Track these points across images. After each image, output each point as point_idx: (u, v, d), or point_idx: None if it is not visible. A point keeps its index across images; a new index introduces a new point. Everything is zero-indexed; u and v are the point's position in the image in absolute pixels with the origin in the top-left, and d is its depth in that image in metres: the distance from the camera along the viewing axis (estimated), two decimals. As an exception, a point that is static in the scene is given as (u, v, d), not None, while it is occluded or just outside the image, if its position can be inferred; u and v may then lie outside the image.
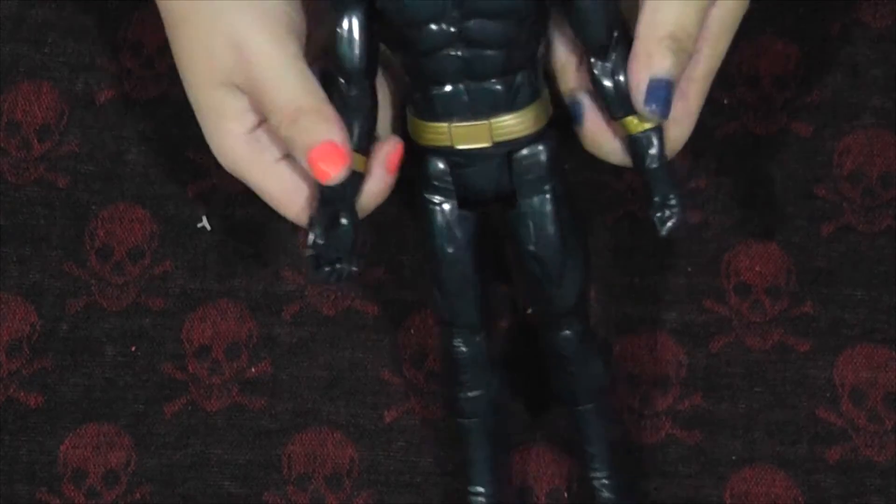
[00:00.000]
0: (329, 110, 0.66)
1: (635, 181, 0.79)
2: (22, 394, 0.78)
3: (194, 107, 0.69)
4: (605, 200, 0.79)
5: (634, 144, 0.68)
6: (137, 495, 0.76)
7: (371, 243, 0.80)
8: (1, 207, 0.80)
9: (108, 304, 0.79)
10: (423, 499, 0.76)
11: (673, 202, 0.67)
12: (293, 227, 0.79)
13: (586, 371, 0.72)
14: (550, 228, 0.69)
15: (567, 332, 0.71)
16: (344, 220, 0.68)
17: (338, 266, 0.68)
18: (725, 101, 0.81)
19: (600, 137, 0.69)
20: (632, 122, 0.67)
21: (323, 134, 0.66)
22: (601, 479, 0.73)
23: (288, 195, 0.68)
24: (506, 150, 0.68)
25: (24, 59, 0.82)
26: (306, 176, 0.68)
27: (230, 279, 0.79)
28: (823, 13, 0.82)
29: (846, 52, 0.82)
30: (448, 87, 0.67)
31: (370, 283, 0.79)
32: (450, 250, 0.69)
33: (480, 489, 0.73)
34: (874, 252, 0.80)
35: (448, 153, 0.68)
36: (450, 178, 0.69)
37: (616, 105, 0.67)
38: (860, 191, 0.80)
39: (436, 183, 0.69)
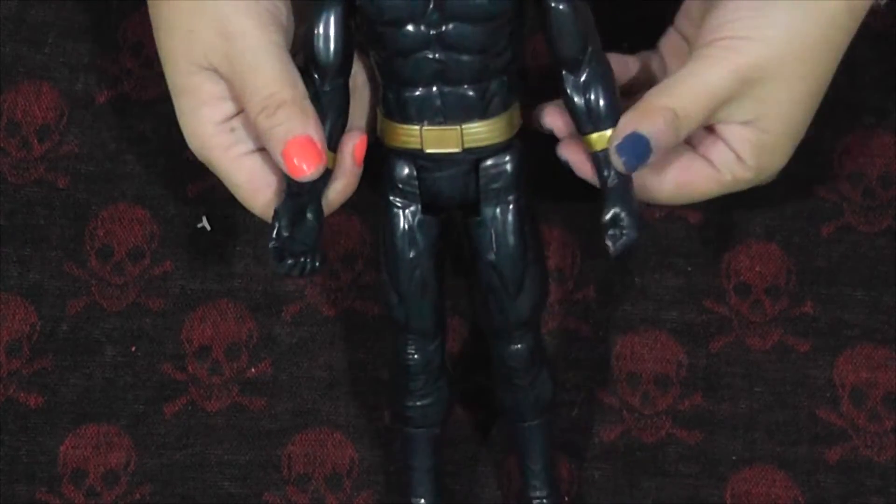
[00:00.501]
0: (308, 105, 0.66)
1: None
2: (22, 394, 0.78)
3: (170, 86, 0.69)
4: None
5: (597, 161, 0.68)
6: (137, 495, 0.76)
7: (371, 243, 0.80)
8: (1, 207, 0.80)
9: (108, 304, 0.79)
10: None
11: (624, 222, 0.67)
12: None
13: (534, 386, 0.72)
14: (511, 239, 0.69)
15: (519, 345, 0.71)
16: (309, 215, 0.68)
17: (301, 260, 0.68)
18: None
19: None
20: (599, 138, 0.67)
21: (300, 129, 0.65)
22: (540, 498, 0.73)
23: (255, 188, 0.68)
24: (474, 158, 0.68)
25: (24, 59, 0.82)
26: (275, 170, 0.68)
27: (230, 279, 0.79)
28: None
29: (846, 53, 0.82)
30: (422, 90, 0.67)
31: (370, 283, 0.79)
32: (411, 254, 0.69)
33: (422, 500, 0.73)
34: (874, 252, 0.80)
35: (416, 156, 0.68)
36: (416, 182, 0.69)
37: (584, 121, 0.68)
38: (860, 191, 0.80)
39: (401, 186, 0.69)
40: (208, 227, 0.80)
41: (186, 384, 0.78)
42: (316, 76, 0.67)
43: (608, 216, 0.67)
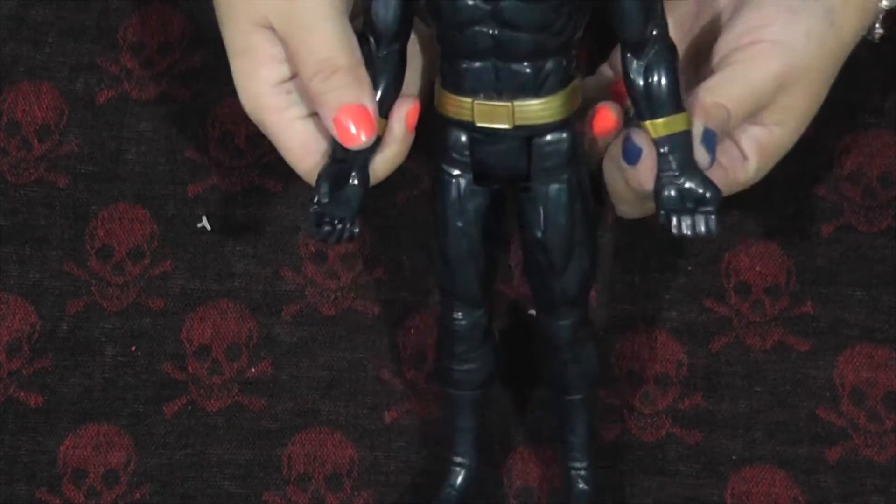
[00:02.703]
0: (363, 74, 0.66)
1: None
2: (22, 394, 0.78)
3: (228, 46, 0.68)
4: (606, 200, 0.79)
5: (658, 147, 0.66)
6: (137, 495, 0.76)
7: (371, 243, 0.80)
8: (1, 207, 0.80)
9: (108, 304, 0.79)
10: (422, 499, 0.76)
11: (708, 198, 0.66)
12: (293, 225, 0.79)
13: (579, 361, 0.72)
14: (561, 218, 0.68)
15: (564, 321, 0.71)
16: (354, 182, 0.67)
17: (339, 226, 0.68)
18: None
19: (645, 184, 0.68)
20: (657, 125, 0.66)
21: (355, 96, 0.65)
22: (579, 470, 0.73)
23: (306, 152, 0.68)
24: (526, 135, 0.67)
25: (24, 59, 0.82)
26: (327, 135, 0.67)
27: (230, 279, 0.79)
28: (823, 13, 0.82)
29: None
30: (476, 63, 0.66)
31: (370, 283, 0.79)
32: (459, 223, 0.69)
33: (462, 460, 0.73)
34: (874, 252, 0.80)
35: (469, 128, 0.68)
36: (468, 152, 0.68)
37: (644, 106, 0.66)
38: (860, 191, 0.80)
39: (454, 155, 0.68)
40: (208, 227, 0.80)
41: (186, 384, 0.78)
42: (372, 40, 0.66)
43: (697, 194, 0.66)
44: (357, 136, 0.65)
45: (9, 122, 0.81)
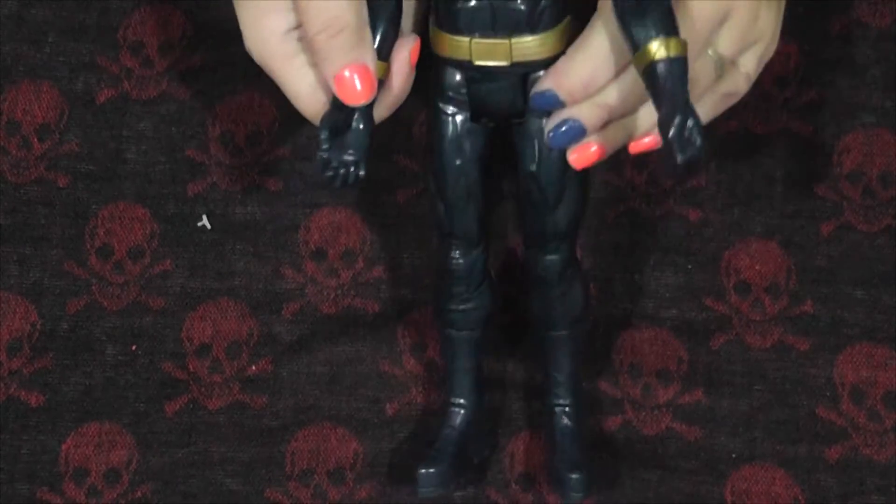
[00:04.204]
0: (368, 35, 0.66)
1: (636, 178, 0.80)
2: (23, 393, 0.78)
3: None
4: (606, 197, 0.79)
5: (651, 71, 0.62)
6: (139, 494, 0.76)
7: (371, 241, 0.80)
8: (1, 207, 0.80)
9: (109, 303, 0.79)
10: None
11: (691, 125, 0.60)
12: (293, 224, 0.79)
13: (566, 297, 0.72)
14: (554, 152, 0.68)
15: (553, 256, 0.71)
16: (359, 125, 0.67)
17: (342, 171, 0.67)
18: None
19: None
20: (648, 50, 0.62)
21: (359, 56, 0.65)
22: (563, 406, 0.74)
23: (315, 98, 0.68)
24: (523, 71, 0.68)
25: (24, 59, 0.82)
26: None
27: (230, 278, 0.79)
28: (823, 12, 0.82)
29: (846, 52, 0.82)
30: (473, 2, 0.66)
31: (370, 280, 0.79)
32: (457, 162, 0.69)
33: (461, 400, 0.74)
34: (874, 252, 0.80)
35: (465, 67, 0.68)
36: (465, 91, 0.69)
37: (633, 30, 0.62)
38: (860, 190, 0.81)
39: (451, 94, 0.69)
40: (208, 226, 0.80)
41: (187, 382, 0.78)
42: None
43: (676, 123, 0.60)
44: (357, 95, 0.65)
45: (9, 121, 0.81)
